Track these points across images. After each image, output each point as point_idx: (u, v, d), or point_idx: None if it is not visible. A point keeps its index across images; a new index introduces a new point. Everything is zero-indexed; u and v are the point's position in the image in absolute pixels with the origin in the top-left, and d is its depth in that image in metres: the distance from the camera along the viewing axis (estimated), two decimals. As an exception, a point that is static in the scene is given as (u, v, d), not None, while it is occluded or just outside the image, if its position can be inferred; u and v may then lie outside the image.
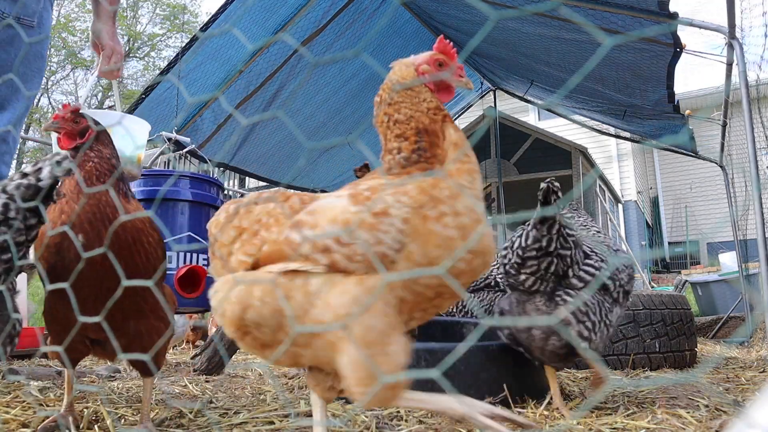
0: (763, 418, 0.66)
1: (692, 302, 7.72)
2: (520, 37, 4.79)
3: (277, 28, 5.05)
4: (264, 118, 5.77)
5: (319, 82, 5.85)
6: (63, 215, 1.51)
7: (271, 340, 1.14)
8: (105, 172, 1.61)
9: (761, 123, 4.64)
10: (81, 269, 1.38)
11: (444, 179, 1.18)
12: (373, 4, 5.27)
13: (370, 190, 1.15)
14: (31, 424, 1.65)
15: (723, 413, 1.88)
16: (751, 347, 4.58)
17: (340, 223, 1.10)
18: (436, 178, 1.17)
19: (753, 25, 3.76)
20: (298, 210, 1.20)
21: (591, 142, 10.09)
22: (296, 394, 2.24)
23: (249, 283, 1.13)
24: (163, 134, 4.68)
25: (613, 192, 10.15)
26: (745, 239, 6.01)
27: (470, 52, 6.09)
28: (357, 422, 1.65)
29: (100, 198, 1.52)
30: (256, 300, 1.11)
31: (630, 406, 1.95)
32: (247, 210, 1.25)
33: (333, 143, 3.12)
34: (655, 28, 3.35)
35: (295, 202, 1.23)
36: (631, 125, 5.98)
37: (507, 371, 2.03)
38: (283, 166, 6.72)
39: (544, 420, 1.78)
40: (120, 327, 1.57)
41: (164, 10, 26.21)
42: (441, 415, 1.78)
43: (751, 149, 2.94)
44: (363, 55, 0.88)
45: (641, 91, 4.58)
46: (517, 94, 7.05)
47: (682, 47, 3.55)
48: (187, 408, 1.81)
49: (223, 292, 1.17)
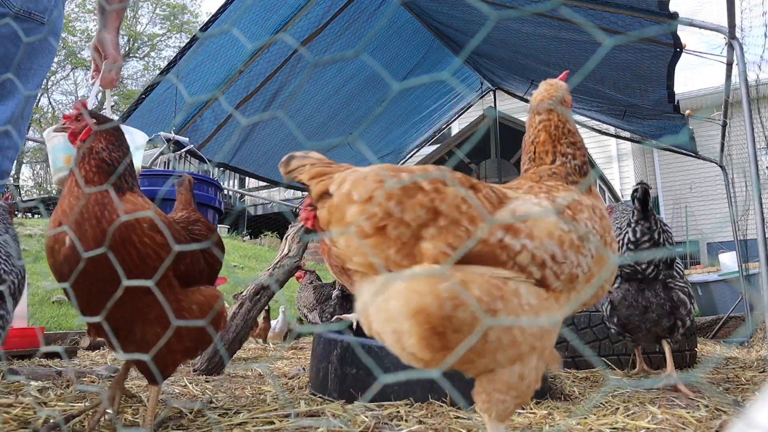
0: (763, 418, 0.66)
1: (692, 302, 7.71)
2: (520, 37, 4.79)
3: (277, 28, 5.05)
4: (264, 118, 5.77)
5: (319, 82, 5.85)
6: (55, 216, 1.50)
7: (456, 342, 1.03)
8: (94, 170, 1.54)
9: (761, 123, 4.64)
10: (78, 270, 1.38)
11: (601, 203, 1.33)
12: (373, 4, 5.27)
13: (570, 208, 1.19)
14: (31, 424, 1.65)
15: (723, 413, 1.88)
16: (751, 347, 4.58)
17: (556, 240, 1.11)
18: (600, 202, 1.32)
19: (753, 25, 3.75)
20: (497, 205, 1.13)
21: (591, 142, 10.09)
22: (296, 394, 2.24)
23: (464, 280, 1.02)
24: (161, 134, 4.68)
25: (613, 192, 10.16)
26: (745, 239, 6.01)
27: (470, 52, 6.09)
28: (357, 422, 1.65)
29: (90, 198, 1.47)
30: (474, 299, 1.01)
31: (630, 406, 1.95)
32: (436, 189, 1.06)
33: (333, 143, 3.12)
34: (655, 28, 3.35)
35: (490, 194, 1.14)
36: (631, 125, 5.98)
37: None
38: (283, 166, 6.72)
39: (544, 420, 1.78)
40: (123, 329, 1.55)
41: (164, 10, 26.22)
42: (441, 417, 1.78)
43: (751, 149, 2.94)
44: (363, 55, 0.88)
45: (641, 91, 4.58)
46: (517, 94, 7.05)
47: (682, 47, 3.55)
48: (187, 408, 1.81)
49: (424, 283, 1.01)
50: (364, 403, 1.92)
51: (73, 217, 1.45)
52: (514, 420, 1.76)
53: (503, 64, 6.13)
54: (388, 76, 0.88)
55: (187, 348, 1.63)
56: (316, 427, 1.61)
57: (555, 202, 1.18)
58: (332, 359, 2.13)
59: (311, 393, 2.24)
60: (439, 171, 1.09)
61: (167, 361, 1.60)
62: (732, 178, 5.66)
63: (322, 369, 2.17)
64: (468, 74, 6.96)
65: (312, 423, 1.66)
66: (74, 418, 1.70)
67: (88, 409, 1.76)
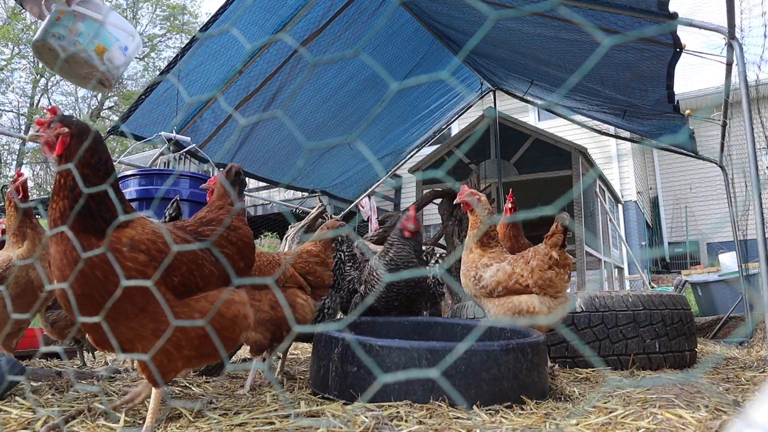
0: (762, 418, 0.66)
1: (692, 302, 7.72)
2: (520, 37, 4.79)
3: (277, 28, 5.05)
4: (264, 118, 5.77)
5: (319, 82, 5.85)
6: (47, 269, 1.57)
7: None
8: (66, 209, 1.46)
9: (761, 123, 4.64)
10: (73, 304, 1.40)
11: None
12: (373, 4, 5.27)
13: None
14: (30, 425, 1.65)
15: (723, 413, 1.88)
16: (751, 347, 4.58)
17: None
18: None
19: (752, 25, 3.75)
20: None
21: (591, 143, 10.09)
22: (296, 394, 2.24)
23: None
24: (163, 134, 4.68)
25: (613, 192, 10.14)
26: (745, 239, 6.00)
27: (470, 52, 6.09)
28: (357, 423, 1.65)
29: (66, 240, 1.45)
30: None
31: (630, 406, 1.95)
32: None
33: (333, 143, 3.13)
34: (654, 28, 3.34)
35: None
36: (631, 125, 5.98)
37: (508, 371, 2.03)
38: (283, 166, 6.72)
39: (544, 420, 1.78)
40: (125, 344, 1.56)
41: (164, 10, 26.20)
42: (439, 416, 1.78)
43: (751, 149, 2.94)
44: (362, 55, 0.88)
45: (641, 91, 4.58)
46: (517, 94, 7.05)
47: (682, 47, 3.54)
48: (187, 408, 1.81)
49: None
50: (364, 403, 1.92)
51: (70, 279, 1.45)
52: (513, 420, 1.76)
53: (503, 64, 6.13)
54: (388, 76, 0.88)
55: (187, 357, 1.59)
56: (315, 427, 1.61)
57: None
58: (333, 357, 2.13)
59: (312, 392, 2.24)
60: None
61: (167, 368, 1.58)
62: (732, 178, 5.66)
63: (323, 367, 2.17)
64: (468, 74, 6.96)
65: (312, 423, 1.66)
66: (74, 418, 1.70)
67: (88, 409, 1.76)
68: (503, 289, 2.68)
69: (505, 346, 2.05)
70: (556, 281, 2.62)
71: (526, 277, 2.63)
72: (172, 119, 5.17)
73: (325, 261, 2.67)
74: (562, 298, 2.67)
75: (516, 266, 2.68)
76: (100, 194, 1.50)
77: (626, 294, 3.30)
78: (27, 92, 25.09)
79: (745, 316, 5.69)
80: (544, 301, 2.61)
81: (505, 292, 2.68)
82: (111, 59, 2.04)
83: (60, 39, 1.86)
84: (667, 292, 3.52)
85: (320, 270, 2.63)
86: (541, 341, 2.24)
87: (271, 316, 2.32)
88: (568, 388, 2.44)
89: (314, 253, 2.66)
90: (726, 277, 7.11)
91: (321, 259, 2.66)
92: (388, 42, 5.75)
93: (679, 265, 14.97)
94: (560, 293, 2.66)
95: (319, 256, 2.67)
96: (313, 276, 2.59)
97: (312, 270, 2.60)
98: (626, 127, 6.22)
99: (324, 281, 2.64)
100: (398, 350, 2.00)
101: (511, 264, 2.71)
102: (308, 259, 2.62)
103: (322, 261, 2.66)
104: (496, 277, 2.69)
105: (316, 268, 2.62)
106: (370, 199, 8.19)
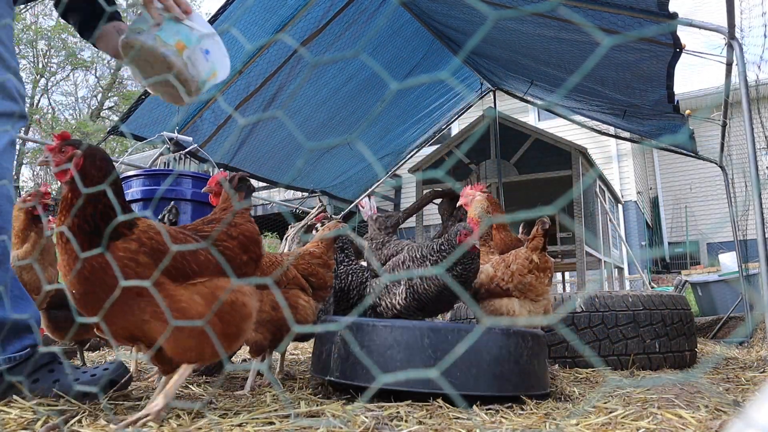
0: (762, 418, 0.66)
1: (692, 302, 7.72)
2: (520, 38, 4.79)
3: (277, 28, 5.04)
4: (263, 118, 5.77)
5: (319, 82, 5.85)
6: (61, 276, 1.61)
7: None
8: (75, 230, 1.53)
9: (761, 123, 4.64)
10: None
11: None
12: (373, 4, 5.27)
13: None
14: (30, 425, 1.65)
15: (723, 413, 1.88)
16: (751, 347, 4.58)
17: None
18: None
19: (753, 25, 3.76)
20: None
21: (591, 143, 10.09)
22: (296, 394, 2.24)
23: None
24: (164, 134, 4.68)
25: (613, 192, 10.13)
26: (744, 239, 6.01)
27: (470, 53, 6.09)
28: (356, 423, 1.65)
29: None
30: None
31: (630, 406, 1.95)
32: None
33: (333, 143, 3.13)
34: (654, 28, 3.34)
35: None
36: (630, 125, 5.98)
37: (509, 354, 2.06)
38: (283, 166, 6.72)
39: (544, 420, 1.78)
40: (137, 332, 1.62)
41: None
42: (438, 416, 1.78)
43: (750, 149, 2.94)
44: (362, 56, 0.88)
45: (641, 91, 4.58)
46: (517, 94, 7.04)
47: (682, 47, 3.54)
48: (187, 408, 1.81)
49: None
50: (364, 403, 1.92)
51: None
52: (513, 420, 1.77)
53: (503, 64, 6.13)
54: (388, 76, 0.88)
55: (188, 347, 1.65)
56: (315, 427, 1.61)
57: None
58: (336, 340, 2.14)
59: (312, 392, 2.24)
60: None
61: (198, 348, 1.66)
62: (732, 178, 5.66)
63: (325, 351, 2.19)
64: (468, 74, 6.96)
65: (312, 423, 1.66)
66: (73, 418, 1.70)
67: (87, 410, 1.76)
68: (485, 292, 2.72)
69: (506, 330, 2.11)
70: (536, 285, 2.64)
71: (507, 281, 2.66)
72: (172, 119, 5.17)
73: (327, 262, 2.68)
74: (544, 301, 2.70)
75: (498, 269, 2.72)
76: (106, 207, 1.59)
77: (626, 294, 3.30)
78: (27, 92, 25.09)
79: (745, 316, 5.69)
80: (524, 305, 2.65)
81: (488, 294, 2.72)
82: (191, 59, 1.81)
83: (139, 33, 1.75)
84: (667, 292, 3.52)
85: (322, 271, 2.64)
86: (541, 334, 2.28)
87: (272, 317, 2.32)
88: (568, 388, 2.44)
89: (316, 255, 2.67)
90: (726, 277, 7.11)
91: (323, 260, 2.67)
92: (388, 42, 5.75)
93: (679, 265, 14.98)
94: (540, 296, 2.68)
95: (322, 257, 2.68)
96: (315, 277, 2.60)
97: (314, 271, 2.61)
98: (626, 127, 6.22)
99: (326, 283, 2.66)
100: (401, 329, 2.02)
101: (494, 267, 2.74)
102: (311, 260, 2.63)
103: (324, 262, 2.67)
104: (479, 279, 2.72)
105: (319, 270, 2.63)
106: (370, 199, 8.19)
